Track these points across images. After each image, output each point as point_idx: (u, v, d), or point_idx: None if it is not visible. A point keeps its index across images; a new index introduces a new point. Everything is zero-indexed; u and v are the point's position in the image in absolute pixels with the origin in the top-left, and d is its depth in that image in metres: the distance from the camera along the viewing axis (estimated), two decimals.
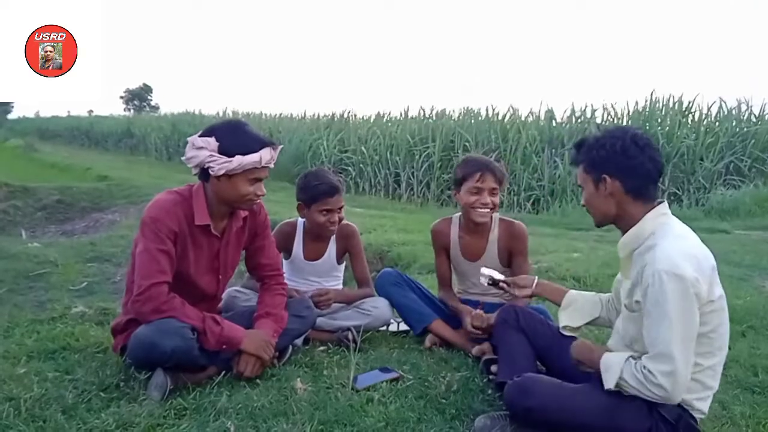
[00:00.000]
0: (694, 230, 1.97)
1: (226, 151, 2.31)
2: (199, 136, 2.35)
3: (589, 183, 2.01)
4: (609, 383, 1.88)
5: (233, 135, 2.35)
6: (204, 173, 2.37)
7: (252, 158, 2.33)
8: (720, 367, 1.94)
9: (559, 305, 2.38)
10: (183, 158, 2.42)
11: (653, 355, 1.80)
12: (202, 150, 2.31)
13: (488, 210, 2.83)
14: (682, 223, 1.98)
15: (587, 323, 2.35)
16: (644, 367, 1.81)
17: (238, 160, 2.31)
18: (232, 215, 2.51)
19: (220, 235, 2.49)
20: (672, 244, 1.84)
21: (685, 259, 1.79)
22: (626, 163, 1.92)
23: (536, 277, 2.48)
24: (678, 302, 1.75)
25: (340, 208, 2.98)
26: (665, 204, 1.98)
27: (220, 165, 2.30)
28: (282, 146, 2.54)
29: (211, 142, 2.31)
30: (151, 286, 2.26)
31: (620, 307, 2.09)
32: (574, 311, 2.33)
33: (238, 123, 2.45)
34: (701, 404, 1.91)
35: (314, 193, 2.93)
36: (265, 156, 2.36)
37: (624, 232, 1.99)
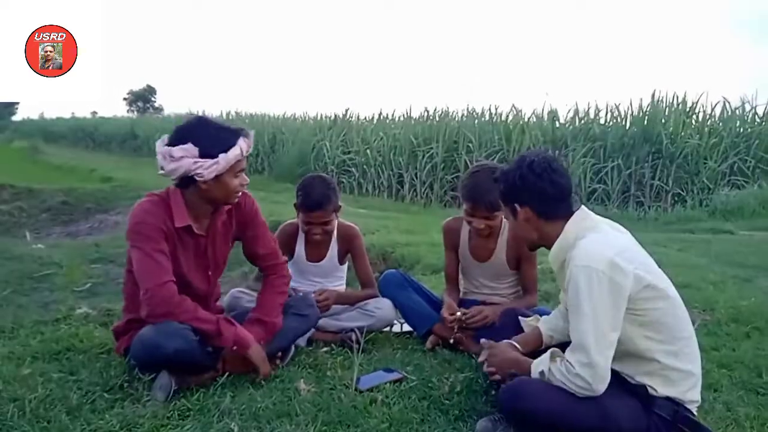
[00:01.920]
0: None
1: (208, 153, 2.25)
2: (171, 145, 2.27)
3: (509, 214, 2.13)
4: (535, 373, 1.97)
5: (209, 135, 2.29)
6: (185, 180, 2.30)
7: (234, 153, 2.30)
8: (691, 348, 1.95)
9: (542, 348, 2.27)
10: (160, 172, 2.31)
11: (571, 347, 1.89)
12: (184, 159, 2.24)
13: (483, 231, 2.82)
14: (605, 220, 2.06)
15: None
16: (566, 360, 1.88)
17: (224, 159, 2.27)
18: (215, 211, 2.48)
19: (204, 233, 2.47)
20: (589, 239, 1.92)
21: (599, 250, 1.86)
22: (528, 191, 2.02)
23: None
24: (591, 295, 1.81)
25: (325, 223, 2.96)
26: (583, 209, 2.05)
27: (209, 169, 2.25)
28: (253, 131, 2.48)
29: (190, 148, 2.23)
30: (159, 287, 2.24)
31: None
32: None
33: (205, 120, 2.39)
34: (691, 394, 1.92)
35: (299, 202, 2.95)
36: (243, 146, 2.33)
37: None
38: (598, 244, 1.89)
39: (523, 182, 2.02)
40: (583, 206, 2.07)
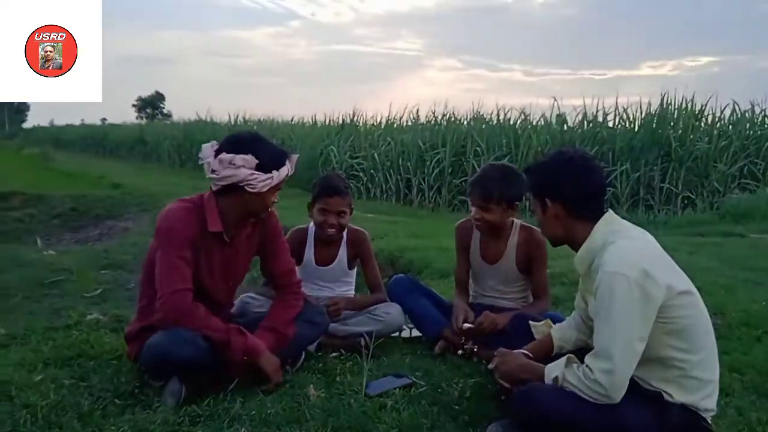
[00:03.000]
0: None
1: (264, 167, 2.32)
2: (233, 153, 2.29)
3: (538, 207, 2.07)
4: (549, 378, 1.93)
5: (268, 150, 2.36)
6: (229, 188, 2.33)
7: (285, 171, 2.38)
8: (713, 359, 1.93)
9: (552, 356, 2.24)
10: (215, 175, 2.32)
11: (594, 352, 1.85)
12: (242, 168, 2.28)
13: (480, 225, 2.85)
14: (632, 225, 2.02)
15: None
16: (586, 364, 1.85)
17: (276, 175, 2.34)
18: (243, 223, 2.51)
19: (230, 242, 2.49)
20: (620, 245, 1.87)
21: (632, 257, 1.82)
22: (563, 186, 1.98)
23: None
24: (622, 302, 1.77)
25: (340, 213, 3.00)
26: (610, 212, 2.01)
27: (263, 182, 2.31)
28: (297, 155, 2.57)
29: (250, 159, 2.29)
30: (174, 294, 2.27)
31: (590, 322, 2.10)
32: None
33: (261, 135, 2.46)
34: (707, 402, 1.89)
35: (316, 190, 3.02)
36: (290, 167, 2.42)
37: (577, 250, 2.03)
38: (630, 251, 1.85)
39: (558, 177, 1.98)
40: (610, 209, 2.03)
